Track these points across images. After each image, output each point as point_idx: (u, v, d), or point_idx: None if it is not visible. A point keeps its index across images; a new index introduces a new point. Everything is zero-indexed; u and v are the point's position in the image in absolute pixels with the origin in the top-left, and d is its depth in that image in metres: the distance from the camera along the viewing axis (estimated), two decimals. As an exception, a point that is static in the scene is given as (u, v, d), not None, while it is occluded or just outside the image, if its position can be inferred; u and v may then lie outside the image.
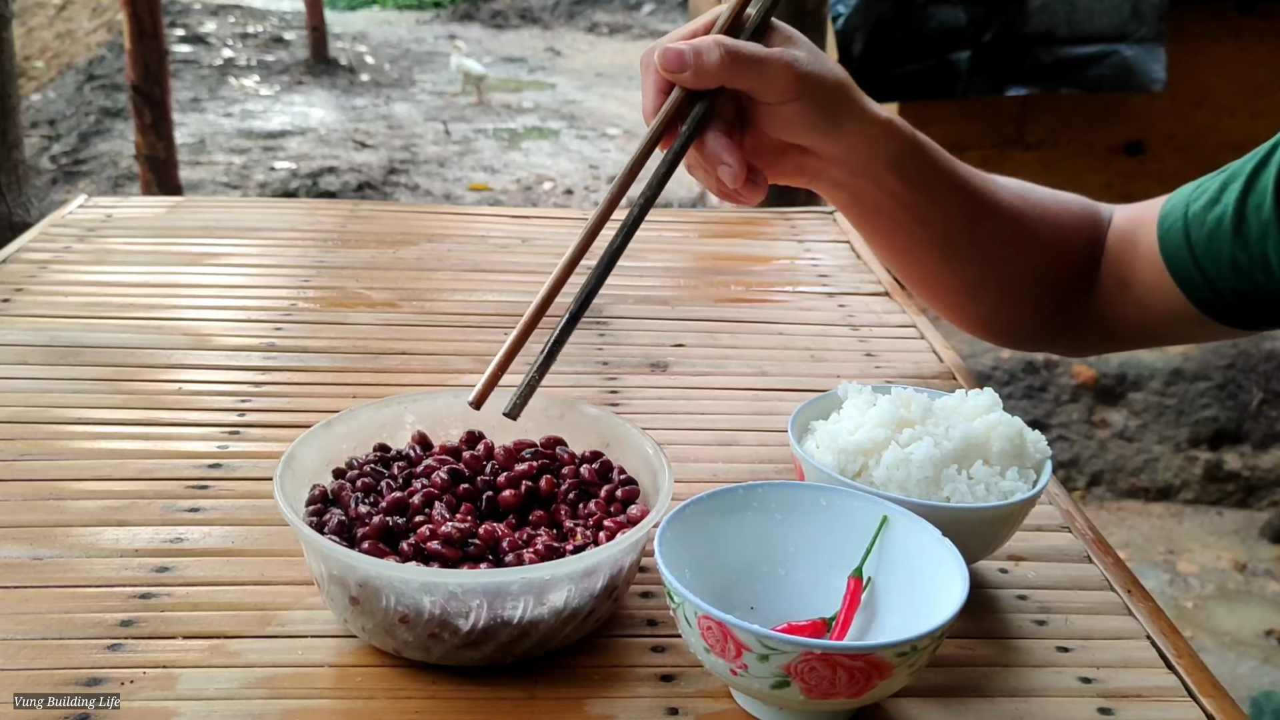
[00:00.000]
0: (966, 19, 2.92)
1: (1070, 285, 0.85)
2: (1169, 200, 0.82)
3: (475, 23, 8.20)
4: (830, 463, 0.59)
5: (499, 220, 1.21)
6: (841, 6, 2.90)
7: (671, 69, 0.65)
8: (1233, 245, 0.77)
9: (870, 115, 0.72)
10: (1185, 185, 0.82)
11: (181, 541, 0.61)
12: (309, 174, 4.57)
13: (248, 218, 1.16)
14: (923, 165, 0.76)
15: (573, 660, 0.54)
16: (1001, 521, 0.58)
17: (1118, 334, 0.87)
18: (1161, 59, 2.98)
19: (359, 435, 0.62)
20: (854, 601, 0.53)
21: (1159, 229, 0.81)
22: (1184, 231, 0.79)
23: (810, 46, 0.70)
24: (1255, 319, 0.79)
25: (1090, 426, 2.73)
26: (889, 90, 3.01)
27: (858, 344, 0.92)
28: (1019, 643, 0.57)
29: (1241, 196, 0.77)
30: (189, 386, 0.79)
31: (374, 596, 0.50)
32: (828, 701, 0.47)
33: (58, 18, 6.45)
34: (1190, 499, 2.59)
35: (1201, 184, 0.81)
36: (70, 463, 0.69)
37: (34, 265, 0.99)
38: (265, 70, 6.31)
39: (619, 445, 0.62)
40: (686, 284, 1.03)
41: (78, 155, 4.66)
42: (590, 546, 0.54)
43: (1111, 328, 0.86)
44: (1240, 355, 2.81)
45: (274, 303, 0.95)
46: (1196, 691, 0.54)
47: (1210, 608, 2.24)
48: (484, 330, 0.91)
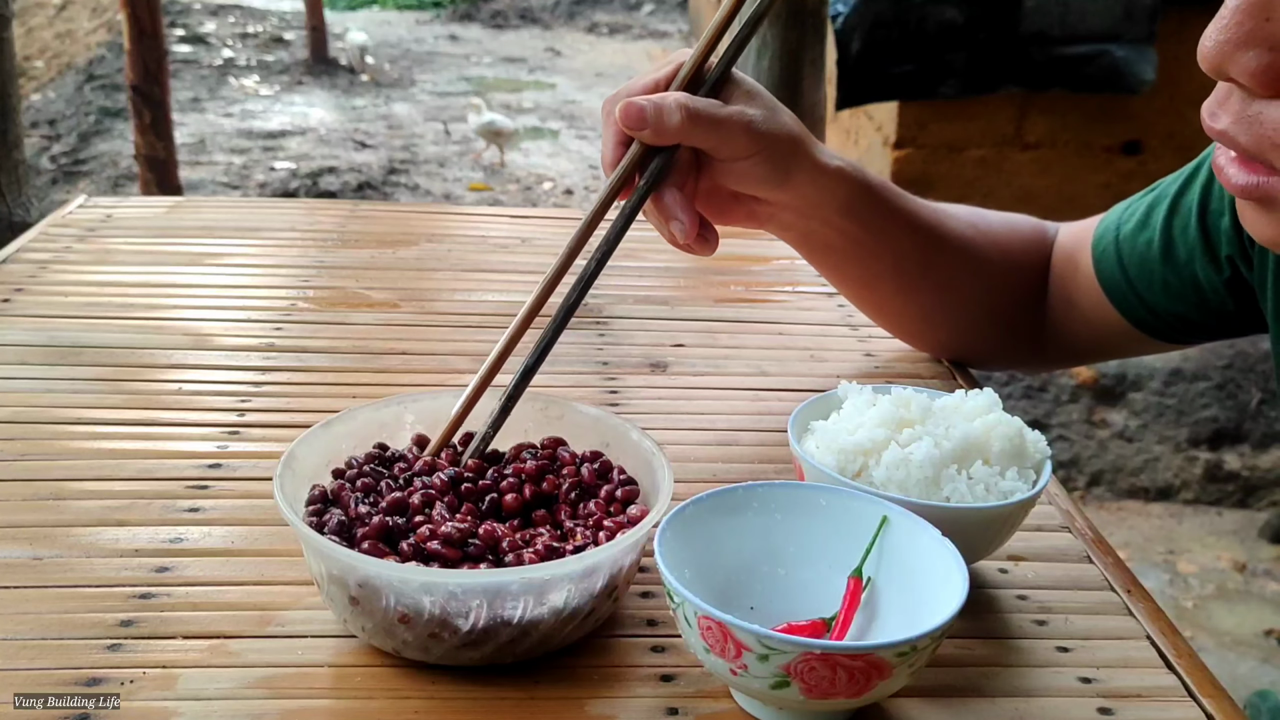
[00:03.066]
0: (963, 19, 2.93)
1: (1024, 307, 0.87)
2: (1101, 222, 0.83)
3: (475, 23, 8.20)
4: (830, 463, 0.59)
5: (499, 220, 1.21)
6: (840, 6, 2.91)
7: (632, 126, 0.66)
8: (1163, 269, 0.78)
9: (822, 165, 0.73)
10: (1117, 205, 0.84)
11: (181, 541, 0.61)
12: (309, 174, 4.56)
13: (248, 218, 1.16)
14: (874, 207, 0.77)
15: (573, 660, 0.54)
16: (1001, 521, 0.58)
17: (1072, 350, 0.89)
18: (1152, 60, 2.99)
19: (359, 435, 0.62)
20: (854, 601, 0.53)
21: (1093, 253, 0.82)
22: (1116, 256, 0.81)
23: (768, 101, 0.71)
24: (1192, 335, 0.80)
25: (1090, 426, 2.73)
26: (886, 89, 3.01)
27: (858, 344, 0.92)
28: (1019, 643, 0.57)
29: (1167, 220, 0.78)
30: (189, 386, 0.79)
31: (374, 596, 0.50)
32: (827, 701, 0.47)
33: (58, 18, 6.45)
34: (1190, 499, 2.60)
35: (1131, 204, 0.82)
36: (70, 463, 0.69)
37: (34, 265, 0.99)
38: (265, 70, 6.31)
39: (619, 445, 0.62)
40: (686, 284, 1.03)
41: (78, 155, 4.65)
42: (590, 546, 0.54)
43: (1065, 345, 0.88)
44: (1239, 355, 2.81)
45: (274, 303, 0.95)
46: (1196, 691, 0.54)
47: (1210, 608, 2.24)
48: (484, 330, 0.91)
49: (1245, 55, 0.46)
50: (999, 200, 2.91)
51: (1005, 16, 2.94)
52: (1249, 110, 0.47)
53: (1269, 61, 0.45)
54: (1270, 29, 0.45)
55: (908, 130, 3.10)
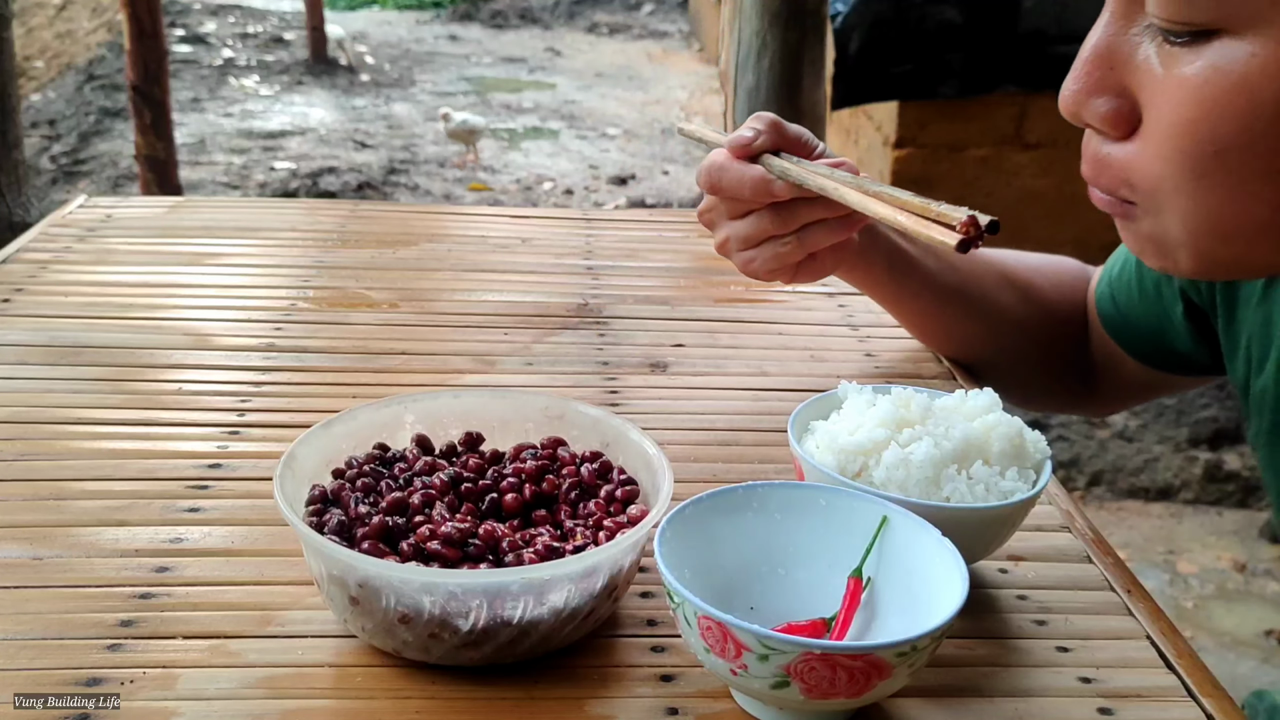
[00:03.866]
0: (962, 19, 2.93)
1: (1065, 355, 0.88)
2: (1103, 272, 0.85)
3: (475, 23, 8.20)
4: (830, 463, 0.59)
5: (499, 220, 1.21)
6: (840, 5, 2.91)
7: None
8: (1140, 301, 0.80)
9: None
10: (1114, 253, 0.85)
11: (181, 541, 0.61)
12: (309, 174, 4.57)
13: (248, 218, 1.16)
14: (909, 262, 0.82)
15: (573, 660, 0.54)
16: (1001, 521, 0.58)
17: (1119, 391, 0.89)
18: None
19: (359, 435, 0.62)
20: (854, 601, 0.53)
21: (1096, 306, 0.84)
22: (1110, 294, 0.82)
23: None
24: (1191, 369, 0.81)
25: (1090, 426, 2.73)
26: (885, 89, 3.01)
27: (858, 344, 0.92)
28: (1019, 643, 0.57)
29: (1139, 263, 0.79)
30: (189, 386, 0.79)
31: (374, 596, 0.50)
32: (827, 701, 0.47)
33: (58, 18, 6.45)
34: (1190, 499, 2.59)
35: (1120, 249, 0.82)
36: (70, 463, 0.69)
37: (34, 265, 0.99)
38: (265, 70, 6.31)
39: (619, 445, 0.62)
40: (686, 284, 1.03)
41: (78, 155, 4.65)
42: (590, 546, 0.54)
43: (1111, 386, 0.89)
44: (1240, 355, 2.80)
45: (274, 303, 0.95)
46: (1196, 691, 0.54)
47: (1210, 608, 2.24)
48: (484, 330, 0.91)
49: (1095, 102, 0.52)
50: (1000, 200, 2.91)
51: (1004, 16, 2.94)
52: (1101, 151, 0.53)
53: (1115, 107, 0.52)
54: (1115, 77, 0.51)
55: (908, 130, 3.09)
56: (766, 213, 0.72)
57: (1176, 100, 0.49)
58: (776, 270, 0.74)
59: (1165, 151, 0.51)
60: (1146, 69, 0.50)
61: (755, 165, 0.71)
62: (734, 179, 0.71)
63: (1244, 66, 0.47)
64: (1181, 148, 0.50)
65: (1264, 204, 0.51)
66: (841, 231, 0.73)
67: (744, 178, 0.71)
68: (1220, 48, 0.48)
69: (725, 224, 0.74)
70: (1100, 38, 0.52)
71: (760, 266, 0.74)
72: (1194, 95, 0.49)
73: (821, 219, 0.72)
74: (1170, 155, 0.50)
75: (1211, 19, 0.47)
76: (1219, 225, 0.52)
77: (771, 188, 0.70)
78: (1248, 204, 0.51)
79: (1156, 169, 0.51)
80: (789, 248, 0.73)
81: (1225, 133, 0.48)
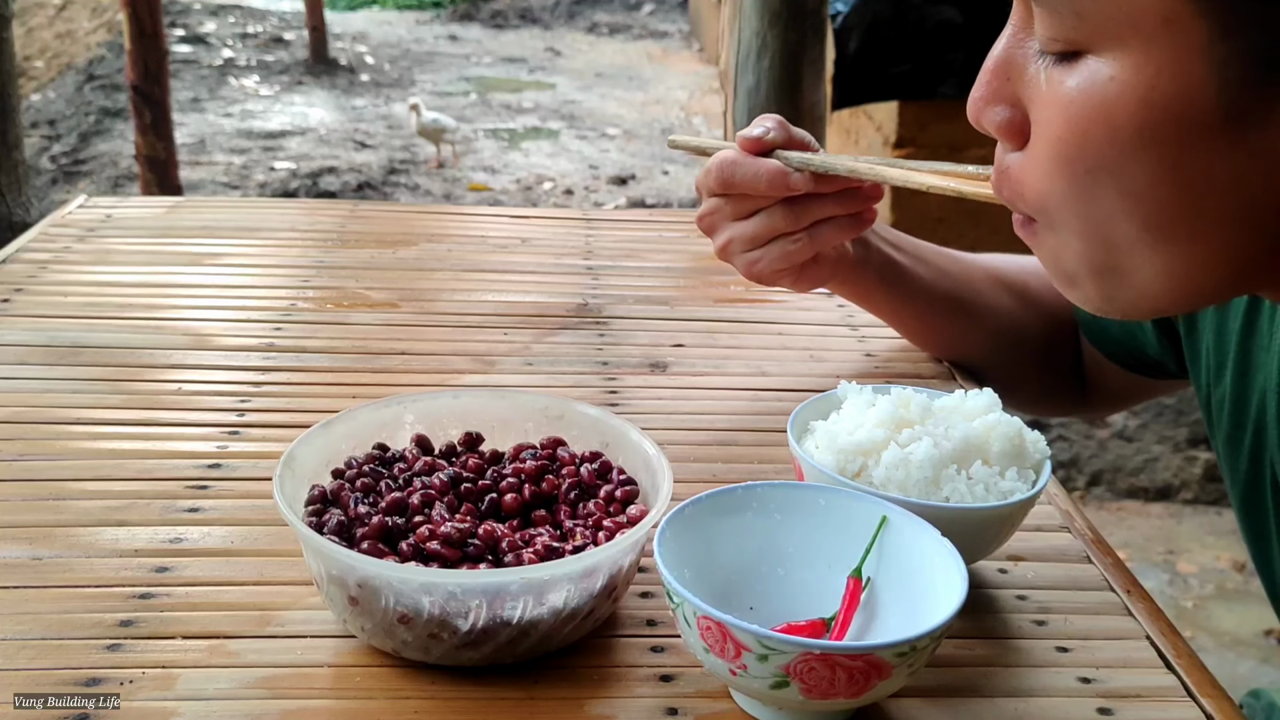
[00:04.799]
0: (962, 19, 2.93)
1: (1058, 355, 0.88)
2: None
3: (475, 23, 8.20)
4: (830, 463, 0.59)
5: (499, 220, 1.21)
6: (840, 5, 2.90)
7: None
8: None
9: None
10: None
11: (181, 541, 0.61)
12: (309, 174, 4.57)
13: (248, 218, 1.16)
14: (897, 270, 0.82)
15: (572, 660, 0.54)
16: (1001, 521, 0.58)
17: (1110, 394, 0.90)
18: None
19: (359, 435, 0.62)
20: (853, 601, 0.53)
21: (1076, 311, 0.84)
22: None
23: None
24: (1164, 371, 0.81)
25: (1089, 426, 2.73)
26: (885, 89, 3.01)
27: (857, 344, 0.92)
28: (1018, 643, 0.57)
29: None
30: (189, 386, 0.79)
31: (373, 597, 0.50)
32: (827, 702, 0.47)
33: (58, 18, 6.45)
34: (1190, 499, 2.59)
35: None
36: (70, 463, 0.69)
37: (34, 265, 0.99)
38: (265, 70, 6.31)
39: (619, 445, 0.62)
40: (686, 284, 1.03)
41: (78, 155, 4.66)
42: (590, 546, 0.54)
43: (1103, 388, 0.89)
44: (1240, 355, 2.80)
45: (274, 303, 0.95)
46: (1196, 691, 0.54)
47: (1210, 608, 2.24)
48: (484, 330, 0.91)
49: (991, 111, 0.51)
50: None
51: (1004, 16, 2.94)
52: (1003, 161, 0.53)
53: (1008, 117, 0.51)
54: (1010, 88, 0.51)
55: (908, 130, 3.09)
56: (777, 209, 0.72)
57: (1050, 116, 0.48)
58: (783, 271, 0.74)
59: (1046, 166, 0.49)
60: (1034, 82, 0.49)
61: (769, 159, 0.71)
62: (749, 173, 0.71)
63: (1103, 89, 0.45)
64: (1058, 165, 0.48)
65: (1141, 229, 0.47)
66: (852, 230, 0.73)
67: (760, 171, 0.71)
68: (1085, 68, 0.46)
69: (728, 226, 0.74)
70: (1000, 48, 0.52)
71: (766, 267, 0.74)
72: (1063, 114, 0.47)
73: (832, 215, 0.72)
74: (1049, 171, 0.49)
75: (1076, 38, 0.46)
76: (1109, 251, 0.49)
77: (789, 180, 0.70)
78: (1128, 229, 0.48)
79: (1043, 184, 0.50)
80: (798, 245, 0.72)
81: (1092, 154, 0.47)
